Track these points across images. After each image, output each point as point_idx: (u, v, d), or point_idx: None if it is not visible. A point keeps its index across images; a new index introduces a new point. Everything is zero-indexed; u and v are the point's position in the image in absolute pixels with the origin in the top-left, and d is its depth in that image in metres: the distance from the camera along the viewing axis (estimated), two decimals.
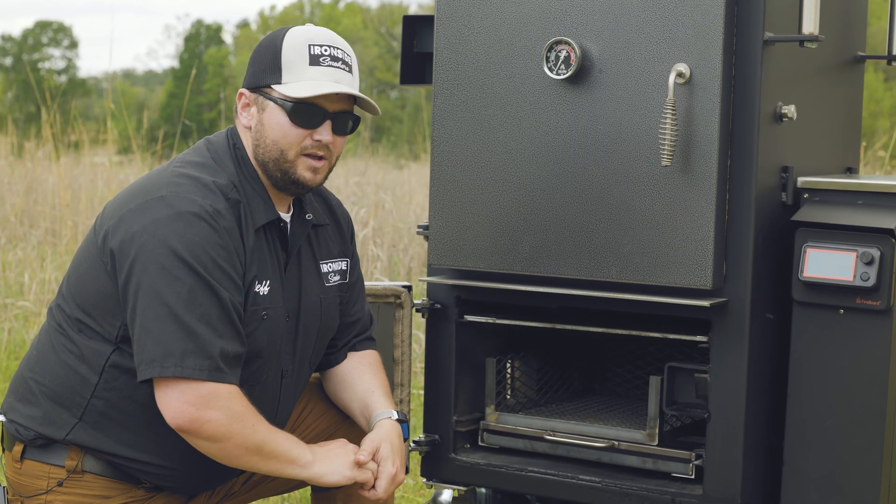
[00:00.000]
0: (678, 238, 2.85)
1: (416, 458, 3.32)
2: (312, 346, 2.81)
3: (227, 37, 47.55)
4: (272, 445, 2.58)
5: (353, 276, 2.93)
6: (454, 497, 3.35)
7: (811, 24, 2.84)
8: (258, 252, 2.64)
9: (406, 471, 3.34)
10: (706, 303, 2.85)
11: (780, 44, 2.87)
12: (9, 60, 39.52)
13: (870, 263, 2.78)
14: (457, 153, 3.10)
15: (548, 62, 2.96)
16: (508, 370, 3.42)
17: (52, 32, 42.27)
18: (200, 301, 2.49)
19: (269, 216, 2.67)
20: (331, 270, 2.85)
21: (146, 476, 2.66)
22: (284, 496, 4.22)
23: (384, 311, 3.32)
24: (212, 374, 2.49)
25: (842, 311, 2.84)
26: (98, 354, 2.60)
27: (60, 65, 41.95)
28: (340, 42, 2.71)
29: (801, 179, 2.96)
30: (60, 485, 2.63)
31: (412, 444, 3.25)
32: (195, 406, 2.48)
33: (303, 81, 2.63)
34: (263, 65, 2.68)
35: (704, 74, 2.80)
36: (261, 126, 2.66)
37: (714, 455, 2.91)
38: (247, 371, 2.61)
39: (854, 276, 2.79)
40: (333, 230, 2.89)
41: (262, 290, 2.64)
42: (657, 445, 3.06)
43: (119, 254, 2.53)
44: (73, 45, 43.11)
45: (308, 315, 2.77)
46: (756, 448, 2.93)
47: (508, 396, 3.42)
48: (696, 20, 2.80)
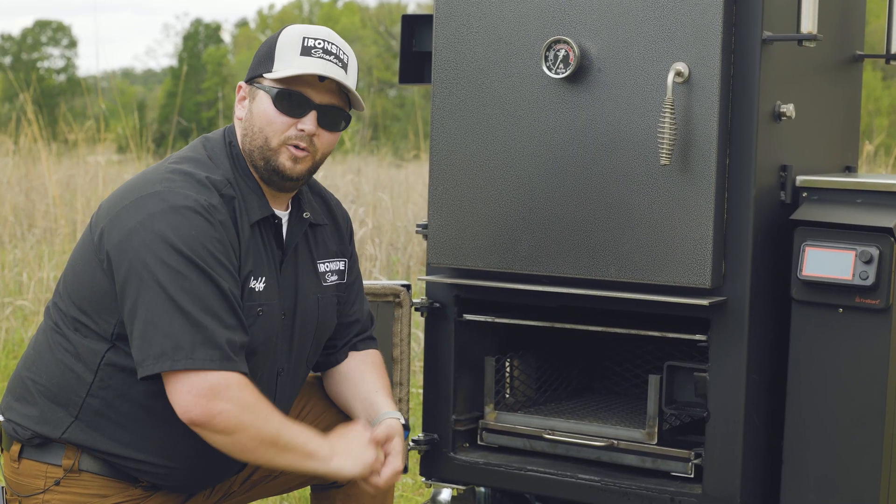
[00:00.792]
0: (677, 237, 2.85)
1: (415, 458, 3.32)
2: (309, 346, 2.81)
3: (226, 36, 47.58)
4: (287, 437, 2.56)
5: (352, 277, 2.93)
6: (453, 496, 3.36)
7: (809, 23, 2.84)
8: (253, 248, 2.64)
9: (405, 470, 3.35)
10: (705, 302, 2.85)
11: (779, 43, 2.87)
12: (8, 60, 39.51)
13: (869, 262, 2.78)
14: (456, 152, 3.10)
15: (546, 61, 2.96)
16: (507, 369, 3.42)
17: (52, 32, 42.26)
18: (203, 293, 2.50)
19: (264, 212, 2.67)
20: (328, 270, 2.85)
21: (143, 475, 2.66)
22: (283, 496, 4.22)
23: (383, 310, 3.32)
24: (223, 364, 2.49)
25: (841, 310, 2.84)
26: (93, 353, 2.60)
27: (59, 64, 41.96)
28: (338, 39, 2.71)
29: (800, 178, 2.96)
30: (58, 484, 2.63)
31: (411, 444, 3.25)
32: (206, 398, 2.48)
33: (290, 68, 2.63)
34: (260, 57, 2.71)
35: (703, 73, 2.80)
36: (250, 115, 2.68)
37: (713, 454, 2.91)
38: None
39: (853, 275, 2.79)
40: (331, 230, 2.89)
41: (258, 287, 2.64)
42: (656, 444, 3.06)
43: (115, 251, 2.53)
44: (73, 45, 43.12)
45: (305, 314, 2.77)
46: (755, 447, 2.93)
47: (507, 395, 3.42)
48: (695, 19, 2.80)
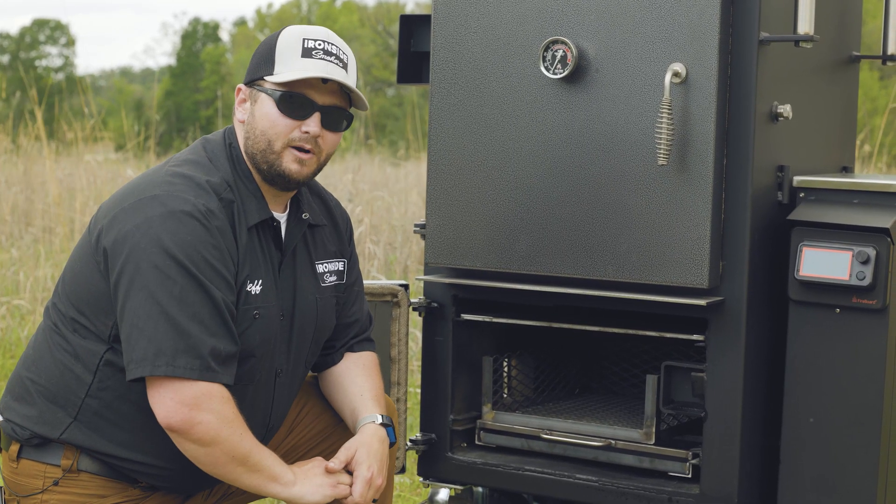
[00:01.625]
0: (675, 237, 2.86)
1: (413, 457, 3.33)
2: (308, 347, 2.81)
3: (225, 34, 47.54)
4: (257, 458, 2.56)
5: (351, 277, 2.92)
6: (451, 496, 3.36)
7: (806, 24, 2.84)
8: (251, 251, 2.64)
9: (402, 470, 3.34)
10: (702, 302, 2.85)
11: (776, 43, 2.87)
12: (6, 58, 39.48)
13: (866, 262, 2.78)
14: (454, 152, 3.10)
15: (544, 61, 2.96)
16: (505, 369, 3.42)
17: (50, 30, 42.22)
18: (192, 300, 2.49)
19: (262, 215, 2.67)
20: (327, 271, 2.84)
21: (141, 476, 2.66)
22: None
23: (381, 310, 3.32)
24: (203, 374, 2.48)
25: (838, 310, 2.84)
26: (92, 354, 2.60)
27: (58, 62, 41.93)
28: (337, 40, 2.71)
29: (797, 178, 2.96)
30: (56, 484, 2.63)
31: (408, 443, 3.26)
32: (188, 406, 2.48)
33: (293, 71, 2.63)
34: (259, 59, 2.70)
35: (700, 74, 2.80)
36: (252, 118, 2.68)
37: (711, 454, 2.92)
38: (240, 370, 2.60)
39: (850, 275, 2.80)
40: (330, 230, 2.89)
41: (254, 290, 2.64)
42: (654, 444, 3.06)
43: (111, 252, 2.54)
44: (71, 43, 43.06)
45: (303, 315, 2.77)
46: (753, 447, 2.93)
47: (505, 395, 3.43)
48: (692, 20, 2.81)
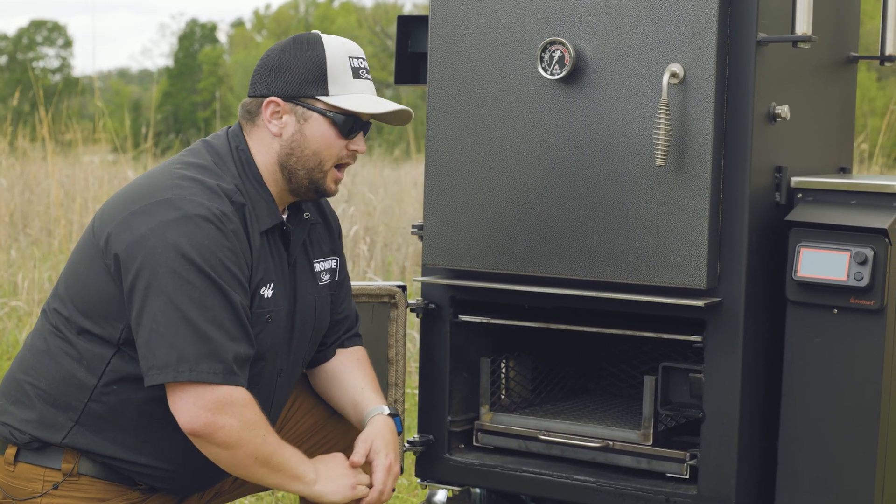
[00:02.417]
0: (672, 238, 2.86)
1: (411, 459, 3.32)
2: (307, 346, 2.82)
3: (222, 35, 47.54)
4: (280, 458, 2.58)
5: (342, 275, 2.95)
6: (449, 497, 3.35)
7: (804, 25, 2.84)
8: (263, 255, 2.64)
9: (401, 471, 3.34)
10: (700, 302, 2.85)
11: (774, 44, 2.87)
12: (4, 59, 39.47)
13: (863, 263, 2.78)
14: (451, 153, 3.10)
15: (542, 62, 2.96)
16: (503, 370, 3.42)
17: (47, 31, 42.21)
18: (212, 304, 2.49)
19: (274, 220, 2.68)
20: (323, 269, 2.86)
21: (142, 478, 2.65)
22: (278, 496, 4.22)
23: (378, 311, 3.32)
24: (226, 378, 2.49)
25: (835, 311, 2.84)
26: (98, 358, 2.59)
27: (55, 64, 41.92)
28: (363, 53, 2.78)
29: (795, 179, 2.96)
30: (56, 488, 2.62)
31: (406, 445, 3.25)
32: (211, 411, 2.48)
33: (352, 95, 2.67)
34: (304, 75, 2.67)
35: (698, 75, 2.80)
36: (300, 136, 2.67)
37: (708, 455, 2.91)
38: (249, 373, 2.61)
39: (848, 276, 2.79)
40: (324, 229, 2.90)
41: (267, 294, 2.64)
42: (652, 445, 3.06)
43: (125, 257, 2.51)
44: (68, 45, 43.06)
45: (303, 315, 2.77)
46: (750, 448, 2.93)
47: (503, 396, 3.42)
48: (690, 21, 2.81)
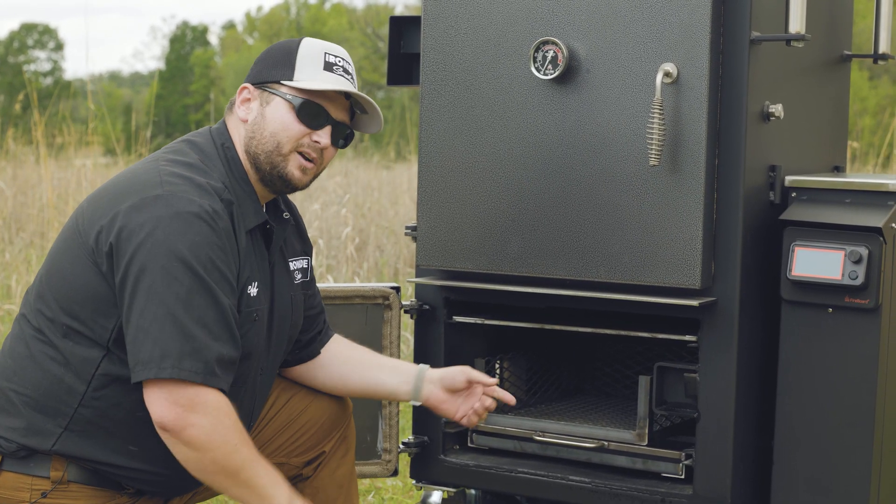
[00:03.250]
0: (667, 237, 2.85)
1: (406, 460, 3.32)
2: (284, 344, 2.83)
3: (213, 38, 47.50)
4: (249, 474, 2.52)
5: (312, 273, 2.96)
6: (444, 498, 3.35)
7: (797, 24, 2.84)
8: (248, 254, 2.64)
9: (395, 472, 3.34)
10: (695, 302, 2.84)
11: (767, 43, 2.87)
12: None
13: (858, 262, 2.78)
14: (444, 154, 3.10)
15: (535, 62, 2.95)
16: (497, 371, 3.41)
17: (38, 35, 42.15)
18: (198, 303, 2.48)
19: (258, 219, 2.67)
20: (296, 268, 2.87)
21: (130, 481, 2.63)
22: None
23: (372, 313, 3.32)
24: (206, 378, 2.47)
25: (830, 310, 2.84)
26: (86, 362, 2.56)
27: (46, 67, 41.86)
28: (351, 60, 2.77)
29: (789, 178, 2.96)
30: (45, 496, 2.58)
31: (401, 446, 3.25)
32: (184, 407, 2.46)
33: (316, 81, 2.67)
34: (275, 62, 2.71)
35: (691, 74, 2.80)
36: (261, 118, 2.68)
37: (704, 455, 2.91)
38: (237, 372, 2.60)
39: (842, 275, 2.79)
40: (294, 229, 2.91)
41: (253, 292, 2.64)
42: (647, 445, 3.06)
43: (116, 253, 2.50)
44: (59, 48, 43.02)
45: (281, 313, 2.78)
46: (746, 447, 2.93)
47: None
48: (683, 20, 2.80)
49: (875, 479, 2.85)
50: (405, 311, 3.25)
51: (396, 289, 3.32)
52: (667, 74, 2.80)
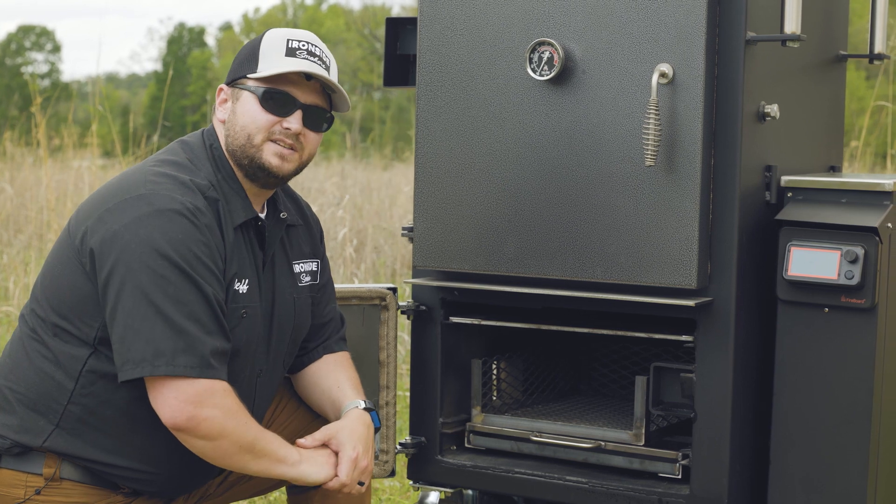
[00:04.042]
0: (663, 238, 2.85)
1: (403, 461, 3.32)
2: (286, 347, 2.82)
3: (210, 39, 47.48)
4: (262, 444, 2.59)
5: (324, 278, 2.94)
6: (441, 499, 3.35)
7: (793, 24, 2.85)
8: (237, 250, 2.65)
9: (392, 473, 3.34)
10: (691, 302, 2.85)
11: (763, 43, 2.87)
12: None
13: (854, 262, 2.78)
14: (441, 155, 3.10)
15: (531, 63, 2.96)
16: (494, 371, 3.42)
17: (35, 36, 42.13)
18: (187, 299, 2.49)
19: (248, 214, 2.68)
20: (303, 271, 2.86)
21: (125, 481, 2.65)
22: (270, 499, 4.22)
23: (369, 314, 3.32)
24: (203, 371, 2.49)
25: (826, 310, 2.84)
26: (74, 360, 2.59)
27: (43, 69, 41.83)
28: (320, 43, 2.76)
29: (785, 178, 2.96)
30: (38, 493, 2.60)
31: (398, 447, 3.25)
32: (192, 404, 2.48)
33: (277, 67, 2.67)
34: (243, 59, 2.73)
35: (687, 74, 2.80)
36: (233, 115, 2.71)
37: (701, 455, 2.91)
38: (228, 370, 2.60)
39: (838, 275, 2.80)
40: (304, 231, 2.91)
41: (242, 289, 2.64)
42: (644, 445, 3.06)
43: (99, 253, 2.52)
44: (56, 49, 42.98)
45: (282, 315, 2.78)
46: (742, 447, 2.93)
47: (494, 398, 3.42)
48: (679, 20, 2.81)
49: (871, 479, 2.85)
50: (402, 312, 3.26)
51: (393, 290, 3.33)
52: (662, 75, 2.81)
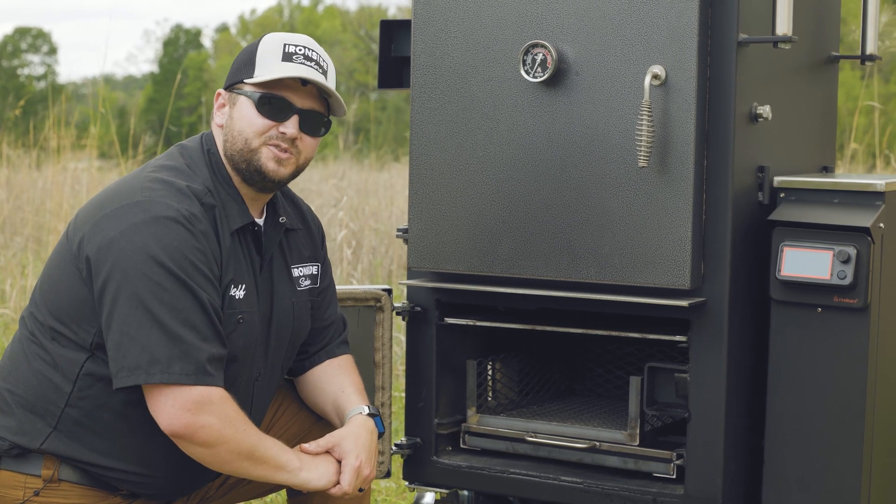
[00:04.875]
0: (656, 238, 2.86)
1: (398, 462, 3.33)
2: (285, 351, 2.82)
3: (207, 41, 47.45)
4: (262, 450, 2.59)
5: (325, 282, 2.95)
6: (436, 500, 3.36)
7: (785, 25, 2.86)
8: (234, 256, 2.65)
9: (388, 474, 3.34)
10: (685, 303, 2.86)
11: (755, 45, 2.88)
12: None
13: (846, 262, 2.79)
14: (435, 156, 3.11)
15: (524, 65, 2.96)
16: (489, 372, 3.42)
17: (31, 39, 42.10)
18: (183, 305, 2.50)
19: (244, 220, 2.69)
20: (302, 275, 2.87)
21: (123, 484, 2.65)
22: (267, 500, 4.22)
23: (364, 315, 3.32)
24: (199, 378, 2.49)
25: (819, 310, 2.85)
26: (71, 363, 2.60)
27: (40, 71, 41.80)
28: (318, 47, 2.76)
29: (778, 179, 2.97)
30: (37, 494, 2.61)
31: (393, 448, 3.26)
32: (189, 411, 2.49)
33: (273, 72, 2.68)
34: (240, 64, 2.74)
35: (680, 76, 2.81)
36: (230, 120, 2.71)
37: (695, 454, 2.92)
38: (225, 375, 2.61)
39: (831, 275, 2.81)
40: (304, 235, 2.91)
41: (238, 294, 2.65)
42: (638, 446, 3.07)
43: (95, 260, 2.53)
44: (53, 51, 42.96)
45: (280, 319, 2.78)
46: (737, 447, 2.94)
47: (489, 398, 3.43)
48: (671, 22, 2.81)
49: (865, 478, 2.86)
50: (397, 313, 3.26)
51: (388, 291, 3.33)
52: (655, 77, 2.82)
